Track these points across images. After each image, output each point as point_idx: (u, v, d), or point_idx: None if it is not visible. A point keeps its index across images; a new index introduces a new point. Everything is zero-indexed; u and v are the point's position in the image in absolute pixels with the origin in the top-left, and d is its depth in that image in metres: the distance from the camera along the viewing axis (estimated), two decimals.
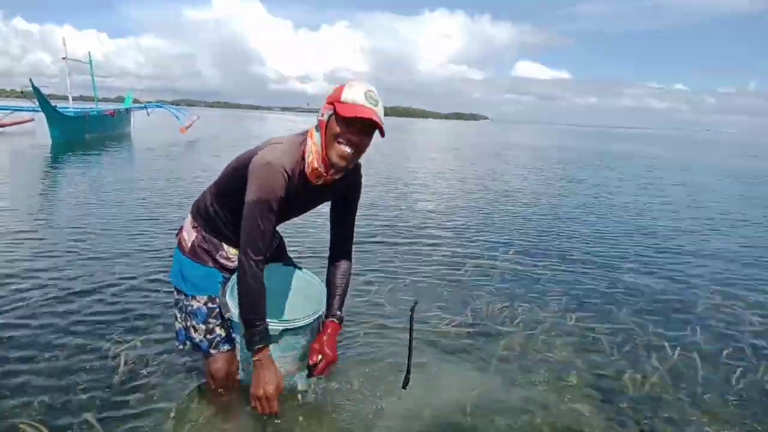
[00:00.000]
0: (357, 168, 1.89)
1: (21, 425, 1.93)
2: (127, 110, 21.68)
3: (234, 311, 1.85)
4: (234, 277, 1.94)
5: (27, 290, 3.27)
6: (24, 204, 6.23)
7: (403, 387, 2.13)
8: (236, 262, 1.93)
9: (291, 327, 1.84)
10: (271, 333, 1.78)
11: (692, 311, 3.51)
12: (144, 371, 2.37)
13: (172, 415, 2.06)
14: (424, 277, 3.98)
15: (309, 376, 1.91)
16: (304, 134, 1.76)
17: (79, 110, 17.55)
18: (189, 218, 1.99)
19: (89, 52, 21.54)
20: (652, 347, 2.92)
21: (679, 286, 4.01)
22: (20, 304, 3.05)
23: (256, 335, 1.68)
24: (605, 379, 2.56)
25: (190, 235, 1.95)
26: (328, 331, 1.89)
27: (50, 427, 1.95)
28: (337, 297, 1.97)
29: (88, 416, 2.00)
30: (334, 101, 1.64)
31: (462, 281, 3.91)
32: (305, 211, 1.93)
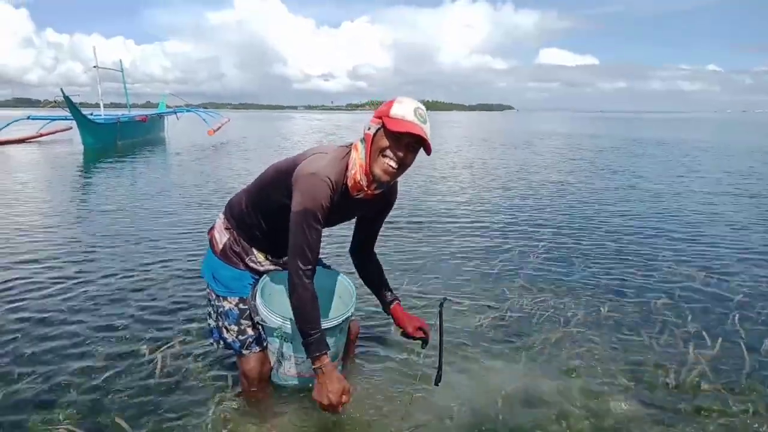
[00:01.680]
0: (395, 187, 1.95)
1: (55, 428, 1.98)
2: (160, 115, 22.12)
3: (264, 314, 1.88)
4: (264, 278, 1.98)
5: (63, 291, 3.38)
6: (58, 208, 6.47)
7: (436, 384, 2.13)
8: (265, 267, 1.99)
9: (323, 327, 1.86)
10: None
11: (731, 301, 3.39)
12: (180, 372, 2.41)
13: (209, 414, 2.09)
14: (454, 269, 3.96)
15: (423, 346, 2.12)
16: (349, 146, 1.79)
17: (111, 117, 18.00)
18: (222, 218, 2.03)
19: (120, 60, 22.12)
20: (690, 338, 2.84)
21: (718, 276, 3.87)
22: (57, 304, 3.15)
23: (313, 344, 1.71)
24: (642, 370, 2.49)
25: (221, 236, 1.99)
26: (400, 313, 2.10)
27: (85, 430, 1.98)
28: (384, 288, 2.13)
29: (121, 419, 2.04)
30: (382, 115, 1.67)
31: (493, 273, 3.87)
32: (340, 223, 1.96)
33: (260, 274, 2.00)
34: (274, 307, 1.92)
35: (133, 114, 20.76)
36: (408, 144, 1.67)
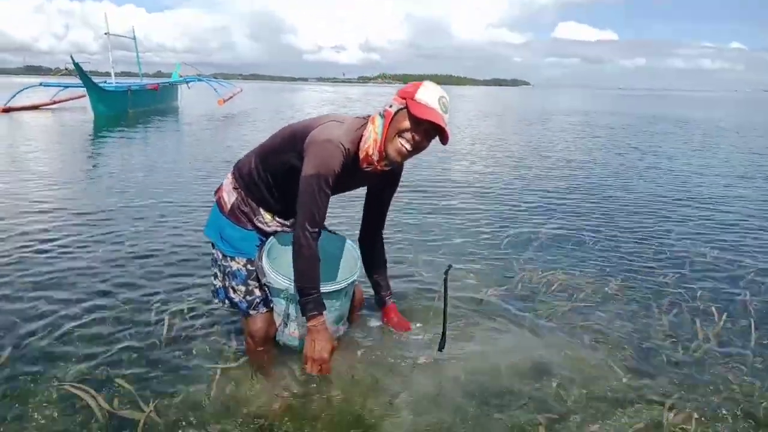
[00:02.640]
0: (402, 165, 1.97)
1: (64, 386, 2.00)
2: (172, 84, 21.98)
3: (271, 276, 1.88)
4: (270, 240, 1.98)
5: (73, 253, 3.42)
6: (65, 174, 6.52)
7: (440, 349, 2.15)
8: (273, 227, 1.99)
9: (327, 291, 1.87)
10: None
11: (743, 279, 3.35)
12: (186, 333, 2.44)
13: (214, 374, 2.12)
14: (462, 241, 3.95)
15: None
16: (365, 118, 1.81)
17: (122, 85, 17.97)
18: (230, 178, 2.03)
19: (132, 27, 21.94)
20: (699, 313, 2.81)
21: (730, 254, 3.82)
22: (65, 268, 3.19)
23: (311, 302, 1.77)
24: (649, 344, 2.48)
25: (230, 197, 1.99)
26: (392, 314, 2.30)
27: (92, 388, 2.00)
28: (384, 281, 2.27)
29: (124, 380, 2.05)
30: (407, 97, 1.70)
31: (500, 246, 3.85)
32: (345, 191, 1.99)
33: (267, 235, 2.00)
34: (281, 268, 1.92)
35: (145, 82, 20.71)
36: (426, 130, 1.72)
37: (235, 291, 1.99)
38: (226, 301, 2.06)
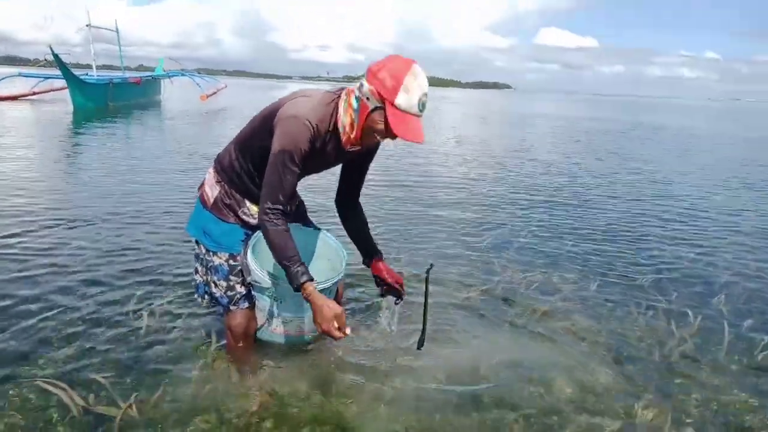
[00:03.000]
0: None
1: (38, 382, 1.97)
2: (154, 78, 21.64)
3: (256, 273, 1.86)
4: (255, 236, 1.95)
5: (49, 250, 3.34)
6: (40, 167, 6.39)
7: (418, 348, 2.15)
8: (257, 219, 1.94)
9: None
10: (291, 296, 1.82)
11: (718, 281, 3.43)
12: (164, 329, 2.41)
13: (192, 370, 2.10)
14: (444, 240, 3.97)
15: (397, 302, 2.11)
16: (335, 93, 1.73)
17: (103, 78, 17.63)
18: (212, 173, 1.99)
19: (115, 20, 21.53)
20: (674, 315, 2.87)
21: (706, 257, 3.92)
22: (41, 262, 3.12)
23: (297, 273, 1.70)
24: (625, 344, 2.53)
25: (213, 190, 1.95)
26: (381, 266, 2.06)
27: (68, 384, 1.96)
28: (370, 240, 2.09)
29: (100, 376, 2.02)
30: (387, 98, 1.57)
31: (482, 248, 3.87)
32: (326, 169, 1.93)
33: (252, 228, 1.96)
34: (265, 265, 1.91)
35: (127, 76, 20.35)
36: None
37: (216, 286, 1.97)
38: (206, 297, 2.05)
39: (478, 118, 22.83)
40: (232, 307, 1.98)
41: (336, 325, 1.68)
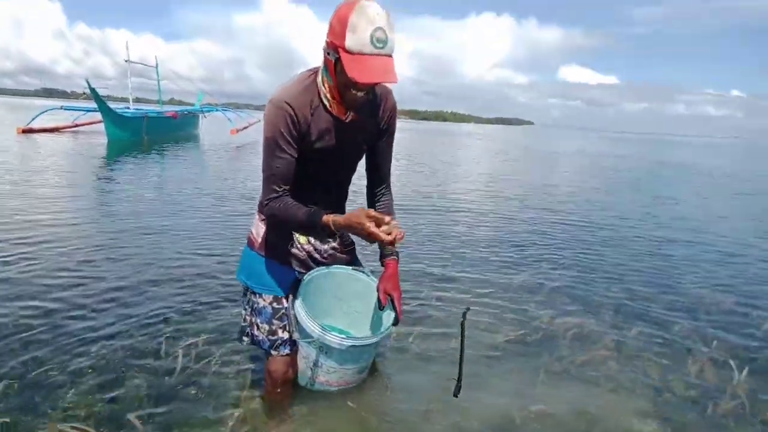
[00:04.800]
0: (386, 97, 1.79)
1: (67, 422, 1.97)
2: (193, 113, 22.01)
3: (305, 321, 1.83)
4: (304, 281, 1.91)
5: (82, 284, 3.39)
6: (70, 199, 6.55)
7: (455, 395, 2.09)
8: (308, 249, 1.92)
9: (359, 344, 1.85)
10: (338, 348, 1.80)
11: (759, 329, 3.31)
12: (201, 369, 2.41)
13: (227, 414, 2.10)
14: (475, 279, 3.93)
15: (395, 323, 1.85)
16: (315, 69, 1.69)
17: (138, 111, 18.23)
18: (256, 215, 1.96)
19: (155, 56, 22.42)
20: (718, 365, 2.77)
21: (745, 302, 3.79)
22: (75, 296, 3.17)
23: (323, 228, 1.62)
24: (669, 397, 2.44)
25: (258, 230, 1.92)
26: (390, 270, 1.85)
27: (96, 423, 1.97)
28: None
29: (134, 416, 2.02)
30: (339, 46, 1.47)
31: (513, 288, 3.82)
32: (345, 155, 1.80)
33: (302, 265, 1.92)
34: (314, 310, 1.89)
35: (164, 109, 20.94)
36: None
37: (258, 328, 1.93)
38: (246, 339, 2.02)
39: (502, 153, 22.84)
40: (273, 352, 1.94)
41: (372, 224, 1.54)
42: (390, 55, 1.50)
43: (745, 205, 9.29)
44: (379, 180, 1.95)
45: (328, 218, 1.61)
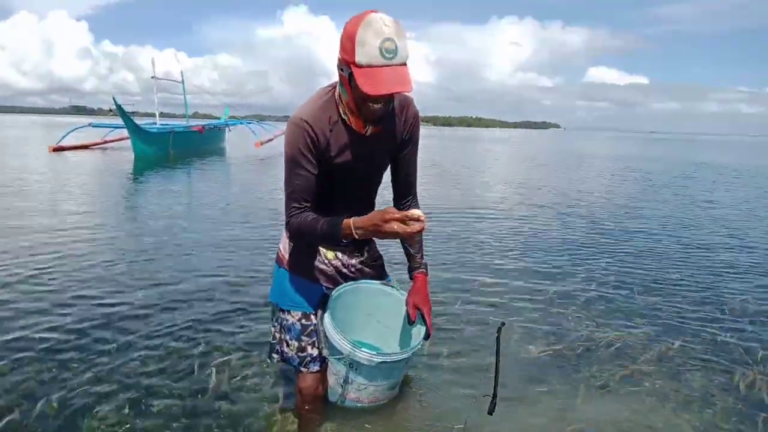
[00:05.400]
0: (406, 106, 1.77)
1: None
2: (215, 127, 22.25)
3: (334, 337, 1.81)
4: (332, 296, 1.89)
5: (113, 300, 3.43)
6: (105, 214, 6.72)
7: (489, 413, 2.02)
8: (335, 266, 1.91)
9: (389, 360, 1.81)
10: (368, 364, 1.78)
11: None
12: (233, 386, 2.40)
13: (258, 430, 2.07)
14: (506, 293, 3.83)
15: (426, 338, 1.82)
16: (333, 84, 1.69)
17: (165, 126, 18.58)
18: (284, 232, 1.96)
19: (181, 71, 22.92)
20: (766, 381, 2.62)
21: None
22: (106, 312, 3.21)
23: (348, 232, 1.59)
24: (718, 414, 2.31)
25: (286, 247, 1.91)
26: (418, 284, 1.85)
27: None
28: (417, 247, 1.90)
29: None
30: (350, 62, 1.48)
31: (548, 299, 3.72)
32: (366, 169, 1.78)
33: (330, 281, 1.91)
34: (343, 326, 1.86)
35: (189, 124, 21.31)
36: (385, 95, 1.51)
37: (288, 345, 1.92)
38: (275, 356, 2.00)
39: (529, 159, 22.57)
40: (302, 369, 1.93)
41: (395, 222, 1.50)
42: (403, 63, 1.48)
43: None
44: (404, 191, 1.93)
45: (349, 221, 1.59)
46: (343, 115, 1.65)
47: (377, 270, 2.04)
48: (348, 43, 1.47)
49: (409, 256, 1.91)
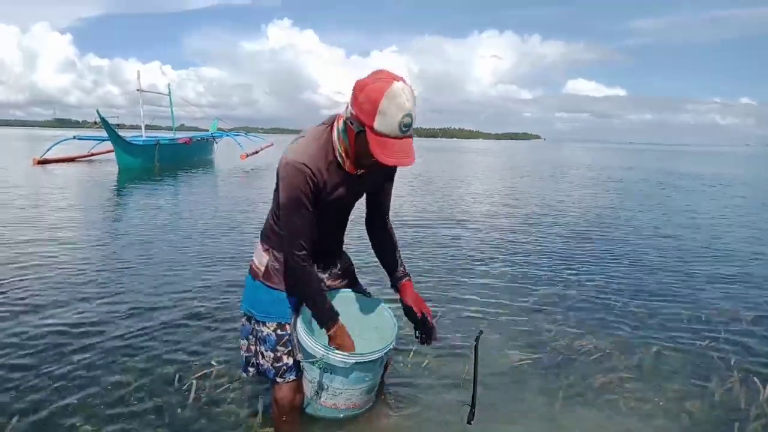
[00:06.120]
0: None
1: None
2: (206, 139, 22.17)
3: (306, 342, 1.83)
4: (304, 306, 1.92)
5: (94, 313, 3.40)
6: (84, 226, 6.63)
7: (468, 422, 2.03)
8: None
9: (362, 361, 1.82)
10: (342, 366, 1.79)
11: None
12: (212, 400, 2.39)
13: None
14: (487, 301, 3.87)
15: (428, 341, 1.92)
16: (328, 124, 1.74)
17: (150, 139, 18.41)
18: (259, 245, 1.99)
19: (168, 84, 22.83)
20: (741, 384, 2.67)
21: (766, 318, 3.69)
22: (85, 326, 3.17)
23: (324, 314, 1.79)
24: (695, 421, 2.35)
25: (261, 259, 1.94)
26: (410, 291, 1.93)
27: None
28: (398, 259, 1.99)
29: None
30: (367, 124, 1.53)
31: (528, 308, 3.76)
32: (351, 202, 1.90)
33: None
34: (315, 334, 1.88)
35: (176, 136, 21.13)
36: None
37: (263, 357, 1.94)
38: (251, 370, 2.01)
39: (512, 169, 22.79)
40: (278, 380, 1.95)
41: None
42: (411, 136, 1.57)
43: (756, 212, 9.10)
44: (380, 216, 2.01)
45: (337, 325, 1.80)
46: (338, 158, 1.71)
47: (349, 278, 2.12)
48: (369, 105, 1.50)
49: (391, 268, 1.99)
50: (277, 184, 1.77)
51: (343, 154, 1.69)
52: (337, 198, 1.78)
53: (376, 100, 1.49)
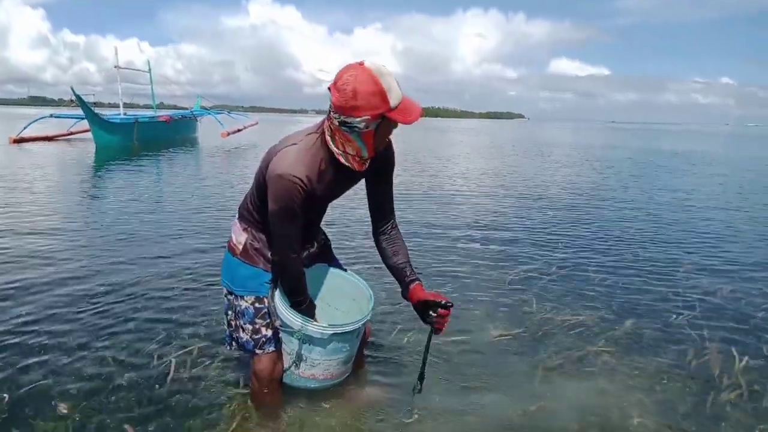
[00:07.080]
0: (389, 144, 1.87)
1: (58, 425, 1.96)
2: (184, 117, 21.63)
3: (284, 314, 1.85)
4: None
5: (72, 292, 3.34)
6: (62, 205, 6.54)
7: (415, 392, 2.00)
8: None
9: (340, 332, 1.84)
10: (320, 337, 1.82)
11: (755, 317, 3.28)
12: (192, 375, 2.38)
13: (217, 417, 2.08)
14: (466, 278, 3.89)
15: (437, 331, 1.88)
16: (317, 132, 1.74)
17: (128, 117, 18.04)
18: (237, 223, 2.00)
19: (148, 61, 22.28)
20: (715, 356, 2.73)
21: (741, 290, 3.77)
22: (64, 304, 3.13)
23: (307, 312, 1.87)
24: (669, 390, 2.40)
25: (240, 237, 1.97)
26: (422, 292, 1.90)
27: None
28: (408, 266, 1.98)
29: (127, 424, 2.02)
30: (385, 112, 1.59)
31: (507, 284, 3.79)
32: (346, 191, 1.94)
33: None
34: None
35: (156, 114, 20.71)
36: None
37: (243, 330, 1.97)
38: (233, 344, 2.04)
39: (496, 148, 22.85)
40: (257, 351, 1.97)
41: None
42: None
43: (733, 190, 9.27)
44: (384, 212, 2.01)
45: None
46: (342, 159, 1.71)
47: (326, 253, 2.16)
48: (376, 98, 1.57)
49: (401, 272, 1.97)
50: (263, 177, 1.76)
51: (356, 156, 1.70)
52: (325, 194, 1.83)
53: (377, 88, 1.56)
